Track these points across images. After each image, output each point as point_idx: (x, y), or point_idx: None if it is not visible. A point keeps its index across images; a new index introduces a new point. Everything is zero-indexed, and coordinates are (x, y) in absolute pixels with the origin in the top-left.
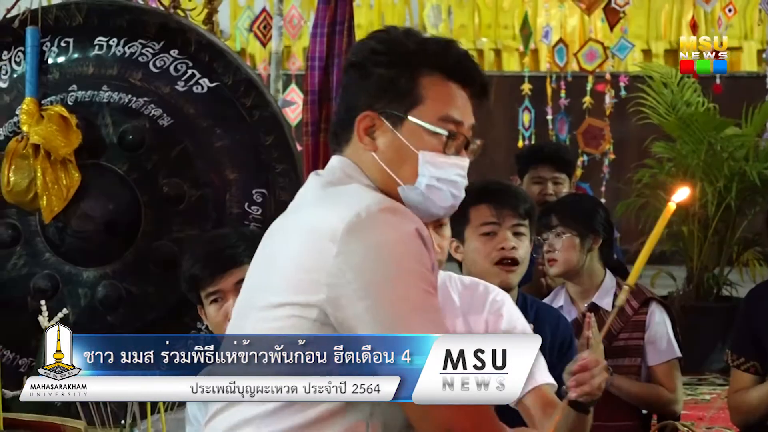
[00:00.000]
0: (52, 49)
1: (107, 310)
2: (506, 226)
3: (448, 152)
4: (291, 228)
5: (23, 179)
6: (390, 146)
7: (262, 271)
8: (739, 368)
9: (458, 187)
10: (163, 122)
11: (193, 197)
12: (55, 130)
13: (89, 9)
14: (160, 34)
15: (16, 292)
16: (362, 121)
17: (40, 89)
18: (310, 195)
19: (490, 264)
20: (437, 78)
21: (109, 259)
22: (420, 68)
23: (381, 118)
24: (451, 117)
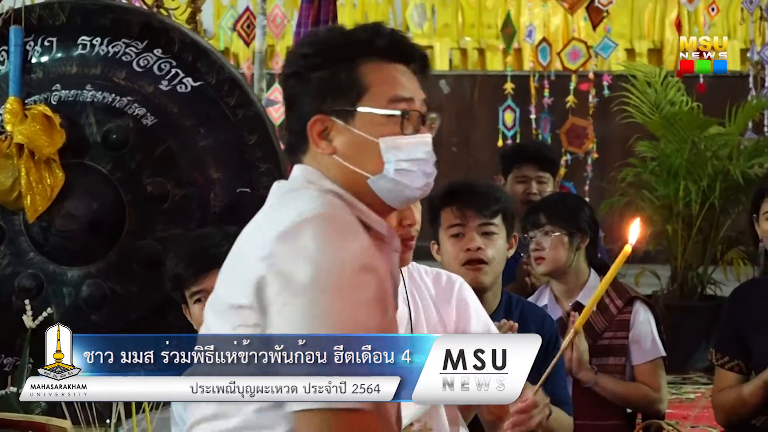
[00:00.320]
0: (35, 49)
1: (91, 309)
2: (472, 227)
3: (407, 132)
4: (243, 233)
5: (7, 178)
6: (348, 143)
7: (221, 274)
8: (723, 367)
9: (428, 163)
10: (147, 121)
11: (176, 196)
12: (38, 130)
13: (72, 8)
14: (144, 33)
15: (0, 291)
16: (314, 127)
17: (24, 88)
18: (269, 202)
19: (458, 265)
20: (375, 63)
21: (93, 258)
22: (355, 58)
23: (332, 119)
24: (400, 96)
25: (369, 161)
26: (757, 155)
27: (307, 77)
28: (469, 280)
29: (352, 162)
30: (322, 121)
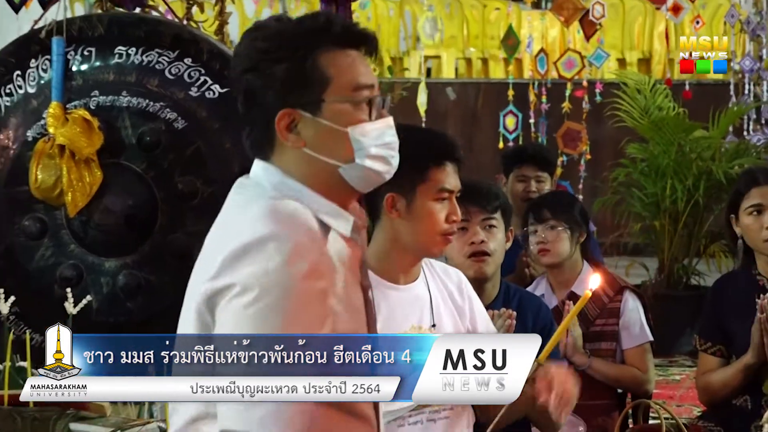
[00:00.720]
0: (75, 58)
1: (127, 297)
2: (475, 222)
3: (373, 118)
4: (210, 233)
5: (50, 177)
6: (317, 135)
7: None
8: (706, 352)
9: (393, 147)
10: (178, 125)
11: (205, 194)
12: (78, 132)
13: (110, 20)
14: (175, 43)
15: (43, 280)
16: (281, 121)
17: (65, 94)
18: (232, 200)
19: (464, 257)
20: (332, 52)
21: (129, 250)
22: (314, 49)
23: (299, 112)
24: (363, 83)
25: (339, 150)
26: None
27: (270, 72)
28: (474, 271)
29: (322, 153)
30: (289, 115)
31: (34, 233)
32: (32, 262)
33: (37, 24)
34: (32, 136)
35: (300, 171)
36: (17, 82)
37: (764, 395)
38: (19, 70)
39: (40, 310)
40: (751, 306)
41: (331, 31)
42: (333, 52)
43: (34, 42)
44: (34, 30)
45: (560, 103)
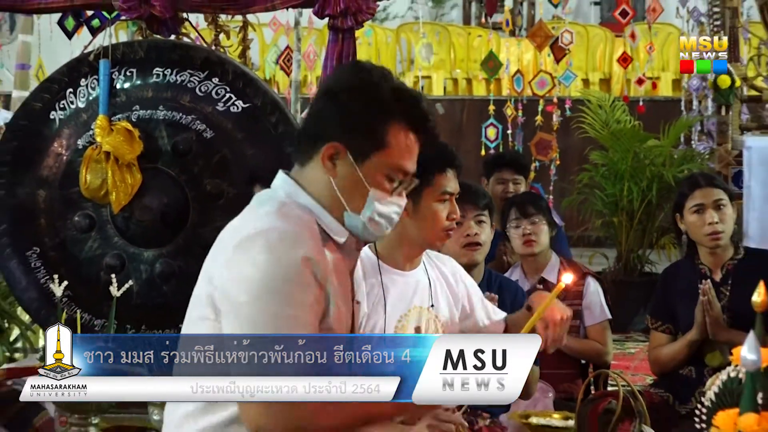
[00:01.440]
0: (119, 77)
1: (163, 282)
2: (469, 217)
3: (394, 194)
4: (226, 228)
5: (97, 179)
6: (347, 177)
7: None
8: (656, 329)
9: (393, 222)
10: (207, 135)
11: (230, 194)
12: (122, 141)
13: (148, 46)
14: (204, 65)
15: (91, 268)
16: (329, 149)
17: (110, 108)
18: (250, 203)
19: (459, 247)
20: (403, 128)
21: (165, 242)
22: (392, 116)
23: (347, 152)
24: (405, 168)
25: (354, 199)
26: (685, 162)
27: (347, 106)
28: (467, 259)
29: (342, 191)
30: (338, 149)
31: (83, 227)
32: (82, 253)
33: (87, 48)
34: (82, 145)
35: (317, 190)
36: (69, 98)
37: (706, 366)
38: (71, 88)
39: (89, 293)
40: (694, 290)
41: (414, 113)
42: (403, 128)
43: (84, 64)
44: (84, 54)
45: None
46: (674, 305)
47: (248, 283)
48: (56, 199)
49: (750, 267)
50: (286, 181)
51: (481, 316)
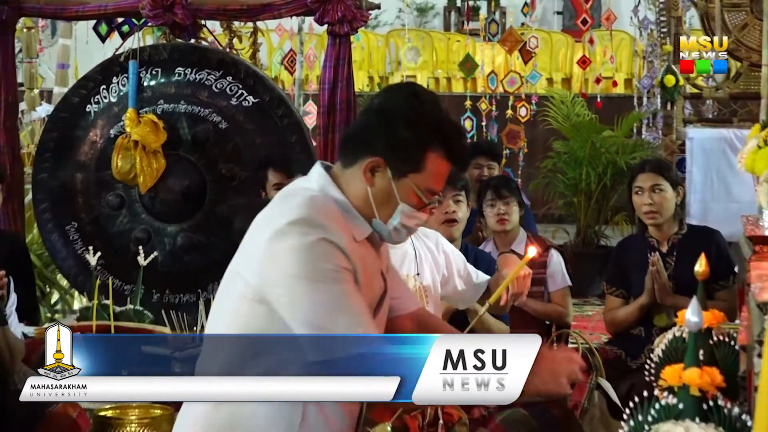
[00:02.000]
0: (146, 76)
1: (184, 253)
2: (448, 197)
3: (419, 210)
4: (262, 213)
5: (127, 164)
6: (382, 189)
7: (243, 241)
8: (611, 294)
9: (412, 232)
10: (222, 126)
11: (242, 177)
12: (148, 131)
13: (171, 48)
14: (220, 65)
15: (122, 241)
16: (372, 163)
17: (138, 103)
18: (286, 188)
19: (439, 223)
20: (440, 156)
21: (186, 218)
22: (433, 145)
23: (386, 168)
24: (435, 191)
25: (384, 209)
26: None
27: (395, 127)
28: (446, 234)
29: (374, 200)
30: (378, 164)
31: (115, 205)
32: (114, 227)
33: (118, 51)
34: (114, 134)
35: (353, 193)
36: (103, 93)
37: (654, 326)
38: (105, 85)
39: (120, 262)
40: (644, 261)
41: (453, 145)
42: (440, 157)
43: (115, 64)
44: (115, 55)
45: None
46: (627, 273)
47: (293, 272)
48: (91, 181)
49: (692, 241)
50: (322, 176)
51: (458, 281)
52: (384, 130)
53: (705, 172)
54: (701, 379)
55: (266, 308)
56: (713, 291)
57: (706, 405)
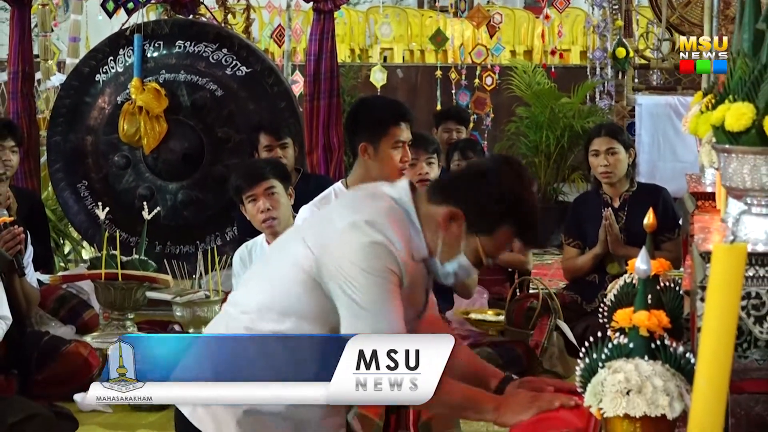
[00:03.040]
0: (149, 48)
1: (184, 208)
2: (422, 160)
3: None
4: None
5: (132, 128)
6: (453, 237)
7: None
8: (568, 245)
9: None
10: (218, 93)
11: (236, 139)
12: (152, 98)
13: (173, 24)
14: (216, 38)
15: (128, 197)
16: (454, 213)
17: (143, 72)
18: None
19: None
20: (511, 232)
21: (185, 177)
22: (509, 221)
23: (464, 222)
24: (494, 256)
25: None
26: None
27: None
28: None
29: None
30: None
31: (121, 165)
32: (120, 185)
33: (124, 25)
34: (120, 101)
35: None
36: (110, 64)
37: (607, 274)
38: (112, 56)
39: (126, 217)
40: (599, 215)
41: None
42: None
43: (122, 37)
44: (122, 29)
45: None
46: (583, 226)
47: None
48: (100, 143)
49: (641, 197)
50: (406, 192)
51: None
52: (475, 192)
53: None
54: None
55: (313, 281)
56: (660, 242)
57: (654, 344)
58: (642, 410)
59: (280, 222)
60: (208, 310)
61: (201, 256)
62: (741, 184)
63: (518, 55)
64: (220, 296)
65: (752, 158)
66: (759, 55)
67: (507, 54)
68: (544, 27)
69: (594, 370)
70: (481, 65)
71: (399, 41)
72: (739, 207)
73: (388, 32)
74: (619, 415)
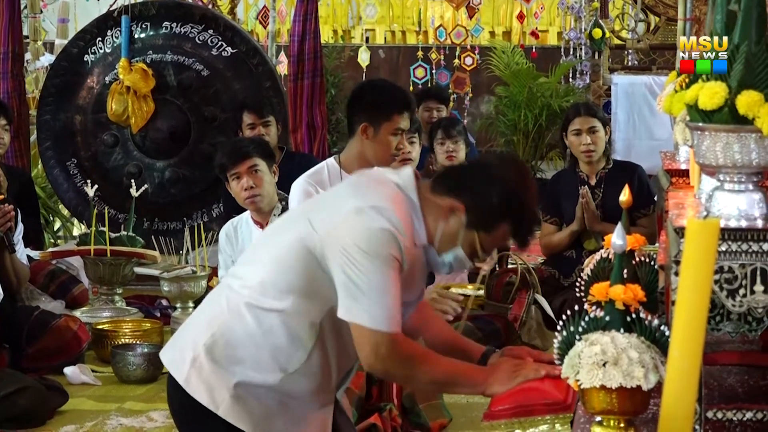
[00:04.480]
0: (137, 29)
1: (171, 185)
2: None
3: (469, 259)
4: (350, 181)
5: (120, 107)
6: (452, 229)
7: (323, 197)
8: (546, 221)
9: (453, 272)
10: (204, 73)
11: (222, 118)
12: (139, 78)
13: (159, 5)
14: (202, 19)
15: (116, 175)
16: (455, 206)
17: (130, 53)
18: (375, 174)
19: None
20: (509, 231)
21: (172, 155)
22: (509, 220)
23: (464, 216)
24: (489, 252)
25: (445, 244)
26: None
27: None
28: None
29: (441, 234)
30: (460, 209)
31: (110, 143)
32: (109, 163)
33: (112, 7)
34: (108, 80)
35: (428, 216)
36: (99, 45)
37: (584, 249)
38: (100, 37)
39: (114, 194)
40: (575, 192)
41: (524, 230)
42: (509, 232)
43: (110, 19)
44: (110, 11)
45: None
46: (560, 203)
47: (357, 243)
48: (89, 122)
49: (617, 174)
50: (411, 180)
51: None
52: (479, 188)
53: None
54: (625, 294)
55: (315, 261)
56: (636, 218)
57: (630, 317)
58: (618, 381)
59: (264, 199)
60: (195, 285)
61: (188, 233)
62: (714, 161)
63: (497, 36)
64: (206, 271)
65: (725, 136)
66: (731, 35)
67: (486, 35)
68: (523, 8)
69: (571, 343)
70: (461, 46)
71: (381, 22)
72: (713, 183)
73: (373, 13)
74: (595, 386)
